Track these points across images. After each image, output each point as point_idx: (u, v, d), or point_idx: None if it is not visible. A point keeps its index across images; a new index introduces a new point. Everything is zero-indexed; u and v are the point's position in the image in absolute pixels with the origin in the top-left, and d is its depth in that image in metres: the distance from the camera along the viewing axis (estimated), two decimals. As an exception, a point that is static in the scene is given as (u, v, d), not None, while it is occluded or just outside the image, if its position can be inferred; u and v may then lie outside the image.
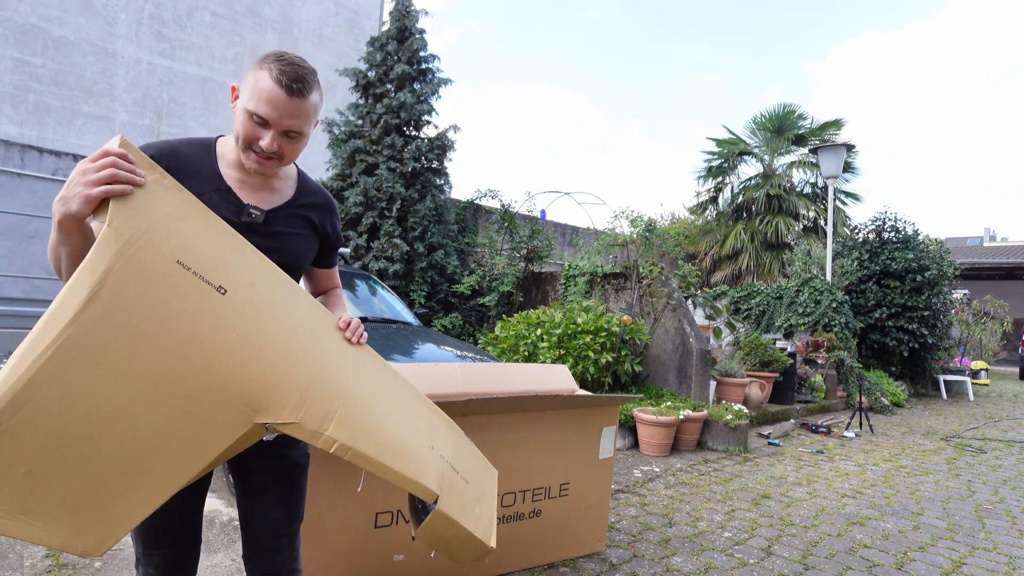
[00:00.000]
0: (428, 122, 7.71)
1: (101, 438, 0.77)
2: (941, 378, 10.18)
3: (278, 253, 1.27)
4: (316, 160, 8.87)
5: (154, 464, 0.83)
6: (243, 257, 1.03)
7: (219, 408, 0.89)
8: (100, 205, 0.89)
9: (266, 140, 1.20)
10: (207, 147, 1.29)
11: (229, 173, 1.28)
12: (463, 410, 2.14)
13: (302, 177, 1.42)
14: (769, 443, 5.53)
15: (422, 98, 7.49)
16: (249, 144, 1.21)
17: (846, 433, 6.14)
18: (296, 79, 1.17)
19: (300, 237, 1.37)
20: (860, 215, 24.83)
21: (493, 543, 1.23)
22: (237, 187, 1.28)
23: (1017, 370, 16.32)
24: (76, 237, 0.98)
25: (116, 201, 0.86)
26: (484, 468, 1.46)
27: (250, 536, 1.40)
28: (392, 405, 1.19)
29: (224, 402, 0.89)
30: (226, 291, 0.93)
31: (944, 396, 10.08)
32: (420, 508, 1.23)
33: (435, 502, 1.12)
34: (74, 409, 0.74)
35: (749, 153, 14.40)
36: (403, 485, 1.08)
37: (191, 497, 1.33)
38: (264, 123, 1.19)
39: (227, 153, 1.29)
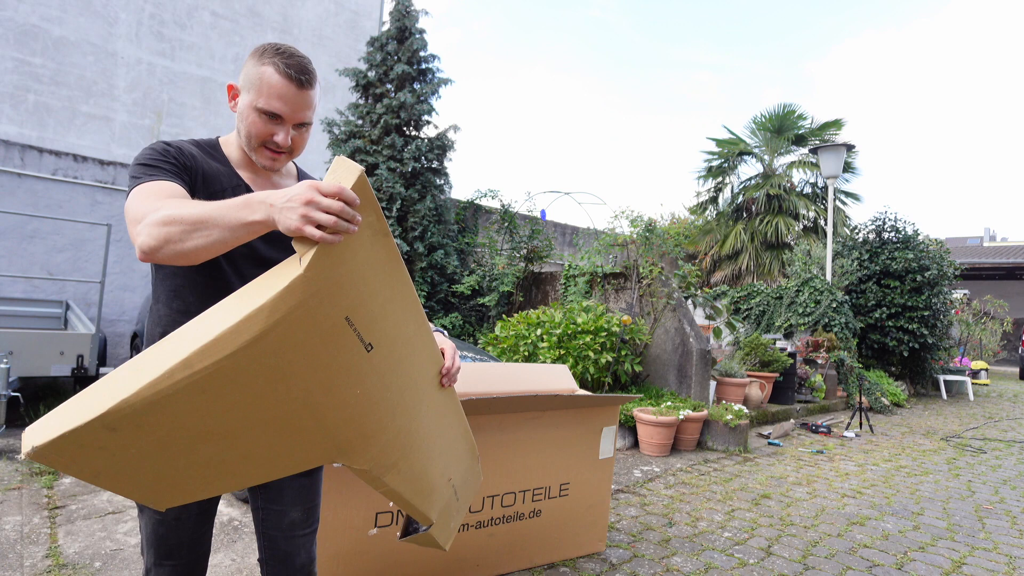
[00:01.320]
0: (428, 122, 7.71)
1: (205, 445, 0.83)
2: (941, 378, 10.18)
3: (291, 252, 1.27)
4: (316, 160, 8.88)
5: (237, 468, 0.88)
6: (402, 308, 1.01)
7: (315, 446, 0.93)
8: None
9: (281, 135, 1.19)
10: (216, 147, 1.29)
11: (239, 173, 1.28)
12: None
13: (300, 172, 1.42)
14: (769, 443, 5.53)
15: (422, 98, 7.49)
16: (263, 142, 1.21)
17: (846, 433, 6.14)
18: (302, 70, 1.17)
19: None
20: (860, 215, 24.89)
21: (448, 547, 1.35)
22: (249, 186, 1.28)
23: (1017, 370, 16.33)
24: (250, 236, 0.91)
25: (322, 247, 0.81)
26: (475, 484, 1.50)
27: (268, 539, 1.36)
28: (440, 442, 1.23)
29: (321, 443, 0.93)
30: (372, 349, 0.93)
31: (944, 396, 10.08)
32: (411, 520, 1.33)
33: (428, 527, 1.22)
34: (194, 421, 0.79)
35: (749, 153, 14.40)
36: (412, 514, 1.18)
37: (208, 509, 1.31)
38: (277, 118, 1.18)
39: (231, 154, 1.29)
